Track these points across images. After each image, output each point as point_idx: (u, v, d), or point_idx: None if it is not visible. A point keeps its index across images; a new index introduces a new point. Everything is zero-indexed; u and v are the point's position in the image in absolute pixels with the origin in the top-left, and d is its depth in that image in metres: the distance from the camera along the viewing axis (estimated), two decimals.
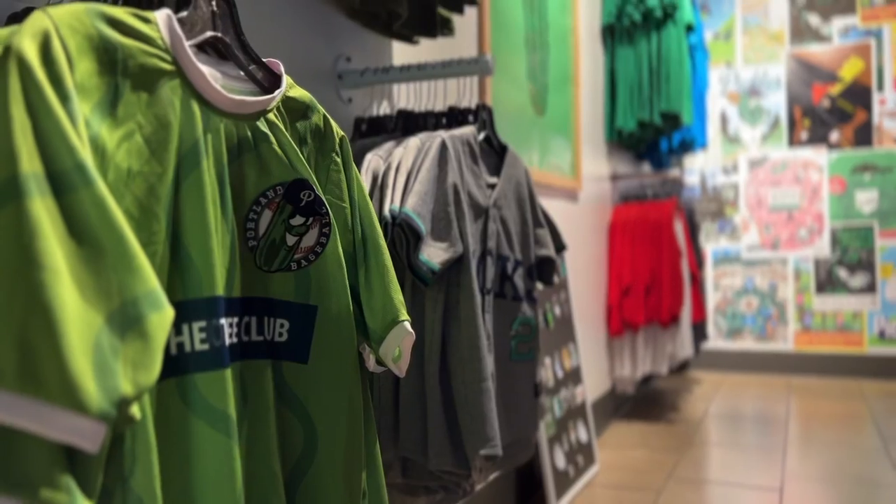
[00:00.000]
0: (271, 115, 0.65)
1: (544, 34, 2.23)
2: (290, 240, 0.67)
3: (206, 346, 0.56)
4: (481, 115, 1.16)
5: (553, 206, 2.30)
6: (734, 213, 4.09)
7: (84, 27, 0.48)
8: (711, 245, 4.12)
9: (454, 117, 1.16)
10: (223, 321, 0.57)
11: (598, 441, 2.62)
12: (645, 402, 3.25)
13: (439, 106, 1.40)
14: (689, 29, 3.05)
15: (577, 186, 2.52)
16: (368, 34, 1.32)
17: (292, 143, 0.67)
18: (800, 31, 3.93)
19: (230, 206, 0.61)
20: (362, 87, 1.23)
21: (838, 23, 3.85)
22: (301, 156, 0.67)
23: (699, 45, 3.40)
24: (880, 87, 3.78)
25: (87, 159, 0.44)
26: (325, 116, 0.72)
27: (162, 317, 0.45)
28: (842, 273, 3.86)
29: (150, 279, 0.45)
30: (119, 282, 0.44)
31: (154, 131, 0.53)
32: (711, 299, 4.10)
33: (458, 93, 1.55)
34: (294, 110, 0.69)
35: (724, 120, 4.10)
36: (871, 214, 3.80)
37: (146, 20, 0.53)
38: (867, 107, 3.80)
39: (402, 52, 1.43)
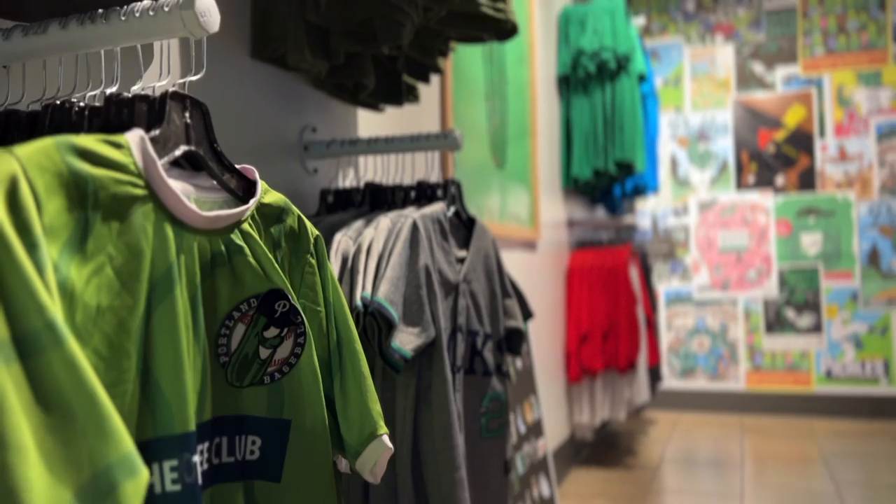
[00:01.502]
0: (246, 225, 0.63)
1: (503, 87, 2.25)
2: (264, 353, 0.64)
3: (177, 487, 0.52)
4: (450, 190, 1.15)
5: (512, 257, 2.31)
6: (685, 255, 4.17)
7: (54, 164, 0.45)
8: (664, 286, 4.19)
9: (423, 192, 1.14)
10: (196, 457, 0.54)
11: (560, 491, 2.60)
12: (603, 447, 3.25)
13: (406, 173, 1.39)
14: (642, 78, 3.13)
15: (536, 236, 2.53)
16: (334, 102, 1.30)
17: (267, 251, 0.64)
18: (745, 79, 4.07)
19: (202, 326, 0.58)
20: (329, 157, 1.21)
21: (781, 71, 4.00)
22: (276, 264, 0.65)
23: (650, 92, 3.49)
24: (822, 133, 3.93)
25: (57, 315, 0.41)
26: (299, 218, 0.70)
27: (136, 483, 0.42)
28: (790, 313, 3.96)
29: (124, 442, 0.42)
30: (90, 449, 0.40)
31: (125, 261, 0.50)
32: (665, 339, 4.16)
33: (425, 158, 1.54)
34: (268, 215, 0.66)
35: (674, 163, 4.20)
36: (816, 256, 3.92)
37: (118, 145, 0.51)
38: (810, 152, 3.95)
39: (367, 118, 1.41)
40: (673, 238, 4.19)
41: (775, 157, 4.01)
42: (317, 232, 0.72)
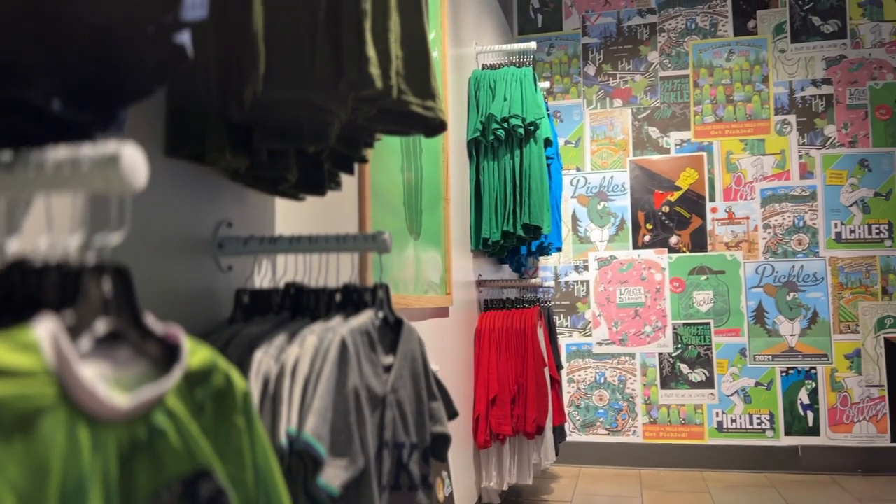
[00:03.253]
0: (170, 400, 0.55)
1: (418, 156, 2.23)
2: None
3: None
4: (378, 295, 1.09)
5: (426, 326, 2.26)
6: (586, 310, 4.26)
7: None
8: (565, 340, 4.26)
9: (349, 296, 1.08)
10: None
11: None
12: None
13: (325, 269, 1.32)
14: (548, 142, 3.19)
15: (449, 302, 2.50)
16: (251, 193, 1.22)
17: (190, 428, 0.56)
18: (641, 142, 4.25)
19: None
20: (246, 255, 1.13)
21: (675, 136, 4.21)
22: (200, 437, 0.57)
23: (555, 155, 3.57)
24: (712, 196, 4.14)
25: None
26: (226, 376, 0.63)
27: None
28: (683, 368, 4.10)
29: None
30: None
31: (30, 484, 0.42)
32: (566, 392, 4.21)
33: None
34: (194, 378, 0.59)
35: (574, 220, 4.31)
36: (707, 313, 4.10)
37: (26, 347, 0.42)
38: (701, 214, 4.15)
39: (285, 204, 1.34)
40: (574, 293, 4.28)
41: (669, 217, 4.19)
42: (245, 388, 0.65)
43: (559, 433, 3.41)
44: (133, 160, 0.50)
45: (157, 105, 0.97)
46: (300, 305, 1.07)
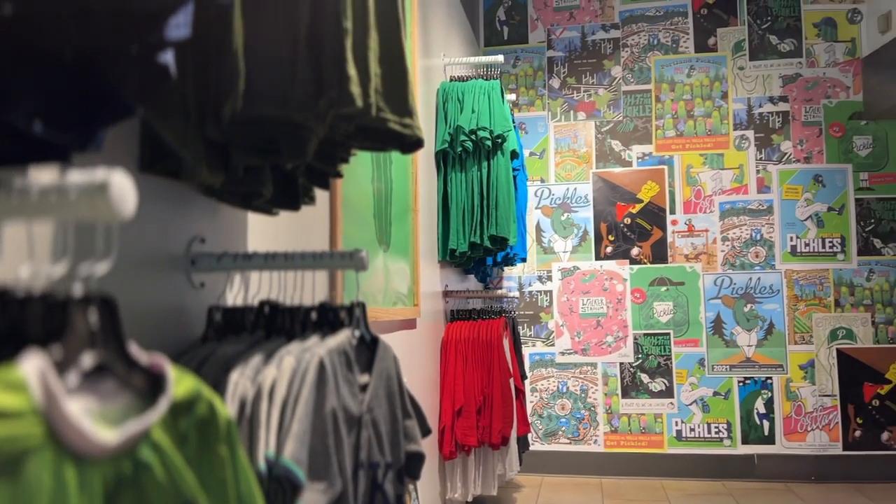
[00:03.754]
0: (155, 433, 0.54)
1: (388, 167, 2.22)
2: None
3: None
4: (355, 314, 1.08)
5: (394, 338, 2.25)
6: (549, 319, 4.29)
7: None
8: (528, 349, 4.28)
9: (325, 315, 1.07)
10: None
11: None
12: None
13: (299, 285, 1.30)
14: (514, 154, 3.21)
15: (417, 314, 2.49)
16: (224, 207, 1.20)
17: (175, 460, 0.55)
18: (604, 155, 4.31)
19: None
20: (219, 271, 1.11)
21: (637, 149, 4.28)
22: (185, 469, 0.56)
23: (521, 166, 3.59)
24: (672, 209, 4.22)
25: None
26: (210, 404, 0.61)
27: None
28: (644, 377, 4.16)
29: None
30: None
31: None
32: (529, 401, 4.23)
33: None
34: (178, 409, 0.57)
35: (539, 231, 4.34)
36: (667, 324, 4.17)
37: (14, 386, 0.41)
38: (662, 226, 4.22)
39: (256, 220, 1.32)
40: (537, 303, 4.31)
41: (631, 228, 4.26)
42: (228, 416, 0.63)
43: (523, 443, 3.42)
44: (122, 188, 0.49)
45: (131, 120, 0.95)
46: (275, 324, 1.05)
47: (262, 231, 1.35)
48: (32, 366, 0.42)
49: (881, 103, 3.87)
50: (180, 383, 0.58)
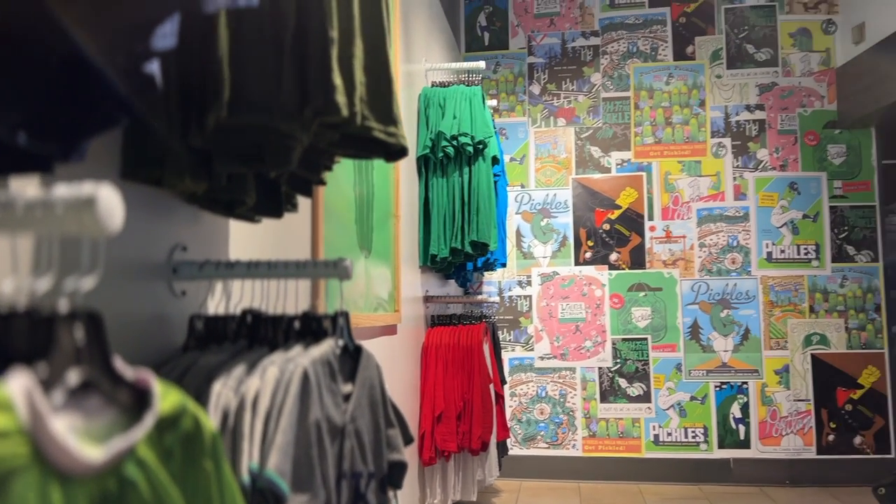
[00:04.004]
0: (141, 449, 0.53)
1: (370, 173, 2.21)
2: None
3: None
4: (339, 323, 1.08)
5: (375, 344, 2.24)
6: (528, 324, 4.31)
7: None
8: (508, 354, 4.29)
9: (308, 325, 1.06)
10: None
11: None
12: None
13: (282, 293, 1.30)
14: (495, 160, 3.22)
15: (398, 320, 2.48)
16: (206, 214, 1.19)
17: (160, 476, 0.54)
18: (584, 161, 4.34)
19: None
20: (200, 280, 1.10)
21: (616, 156, 4.31)
22: (170, 486, 0.55)
23: (502, 172, 3.60)
24: (650, 216, 4.25)
25: None
26: (195, 419, 0.61)
27: None
28: (622, 382, 4.19)
29: None
30: None
31: None
32: (508, 406, 4.24)
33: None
34: (163, 425, 0.57)
35: (518, 236, 4.35)
36: (645, 329, 4.20)
37: (0, 407, 0.40)
38: (640, 232, 4.26)
39: (238, 227, 1.31)
40: (517, 308, 4.32)
41: (609, 234, 4.29)
42: (213, 430, 0.63)
43: (502, 448, 3.43)
44: (109, 202, 0.48)
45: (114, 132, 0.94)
46: (258, 333, 1.05)
47: (244, 237, 1.34)
48: (18, 385, 0.42)
49: (854, 112, 3.94)
50: (166, 398, 0.58)
